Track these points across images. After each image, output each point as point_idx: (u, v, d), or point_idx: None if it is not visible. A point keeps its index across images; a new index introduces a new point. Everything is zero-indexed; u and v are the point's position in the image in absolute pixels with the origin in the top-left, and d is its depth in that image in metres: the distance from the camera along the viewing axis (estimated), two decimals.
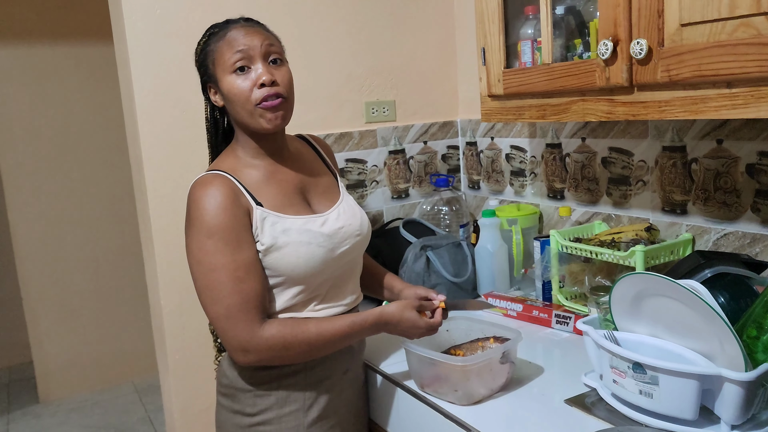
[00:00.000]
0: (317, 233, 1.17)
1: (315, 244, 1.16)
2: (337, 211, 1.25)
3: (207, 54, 1.17)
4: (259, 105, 1.13)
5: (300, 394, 1.20)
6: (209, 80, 1.19)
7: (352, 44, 1.92)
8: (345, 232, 1.22)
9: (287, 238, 1.14)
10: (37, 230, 3.43)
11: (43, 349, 3.50)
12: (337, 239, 1.20)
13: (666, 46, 1.04)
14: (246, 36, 1.14)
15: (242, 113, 1.15)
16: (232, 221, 1.09)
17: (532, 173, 1.87)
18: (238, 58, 1.13)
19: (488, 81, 1.48)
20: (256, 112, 1.14)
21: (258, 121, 1.14)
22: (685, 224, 1.44)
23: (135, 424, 3.20)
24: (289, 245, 1.14)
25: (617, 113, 1.17)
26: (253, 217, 1.13)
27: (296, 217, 1.17)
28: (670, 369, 0.97)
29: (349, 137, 1.93)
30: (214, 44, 1.16)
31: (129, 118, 1.73)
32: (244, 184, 1.15)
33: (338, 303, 1.24)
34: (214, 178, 1.13)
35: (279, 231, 1.14)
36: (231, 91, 1.14)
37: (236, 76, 1.13)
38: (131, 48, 1.59)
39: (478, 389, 1.16)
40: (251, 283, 1.10)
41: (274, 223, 1.14)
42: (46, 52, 3.37)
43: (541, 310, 1.52)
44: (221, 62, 1.14)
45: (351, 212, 1.27)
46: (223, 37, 1.15)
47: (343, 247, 1.21)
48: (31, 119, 3.37)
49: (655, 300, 1.06)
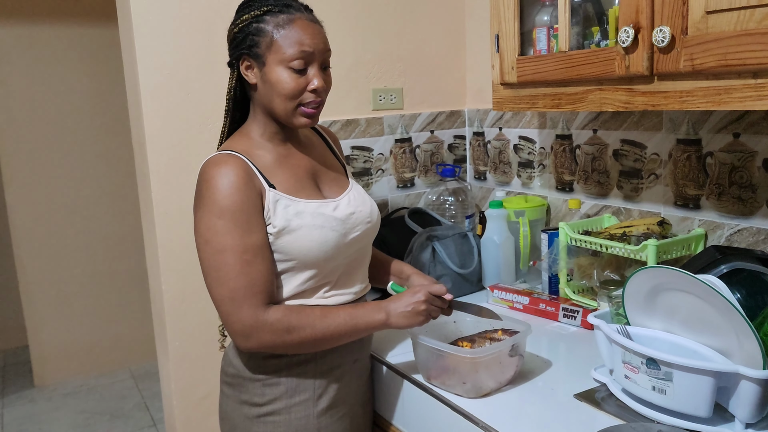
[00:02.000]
0: (330, 217, 1.16)
1: (328, 227, 1.14)
2: (347, 197, 1.24)
3: (261, 31, 1.11)
4: (302, 106, 1.14)
5: (310, 382, 1.18)
6: (252, 56, 1.13)
7: (361, 30, 1.89)
8: (356, 218, 1.21)
9: (300, 221, 1.12)
10: (35, 214, 3.40)
11: (39, 334, 3.48)
12: (349, 224, 1.19)
13: (690, 34, 1.01)
14: (313, 37, 1.12)
15: (281, 106, 1.13)
16: (244, 203, 1.07)
17: (541, 165, 1.84)
18: (301, 57, 1.11)
19: (501, 69, 1.45)
20: (297, 111, 1.14)
21: (293, 118, 1.15)
22: (697, 219, 1.42)
23: (131, 410, 3.19)
24: (303, 228, 1.12)
25: (636, 103, 1.14)
26: (266, 199, 1.11)
27: (309, 201, 1.16)
28: (685, 365, 0.95)
29: (355, 124, 1.90)
30: (275, 28, 1.10)
31: (132, 101, 1.70)
32: (258, 166, 1.13)
33: (348, 290, 1.22)
34: (228, 158, 1.10)
35: (292, 214, 1.12)
36: (279, 83, 1.11)
37: (291, 71, 1.11)
38: (136, 28, 1.56)
39: (487, 382, 1.13)
40: (259, 266, 1.08)
41: (287, 205, 1.12)
42: (47, 33, 3.32)
43: (548, 304, 1.50)
44: (279, 51, 1.10)
45: (361, 199, 1.26)
46: (287, 25, 1.10)
47: (354, 233, 1.20)
48: (30, 101, 3.33)
49: (671, 294, 1.04)
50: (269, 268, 1.10)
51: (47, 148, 3.40)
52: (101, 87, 3.45)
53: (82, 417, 3.14)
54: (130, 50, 1.63)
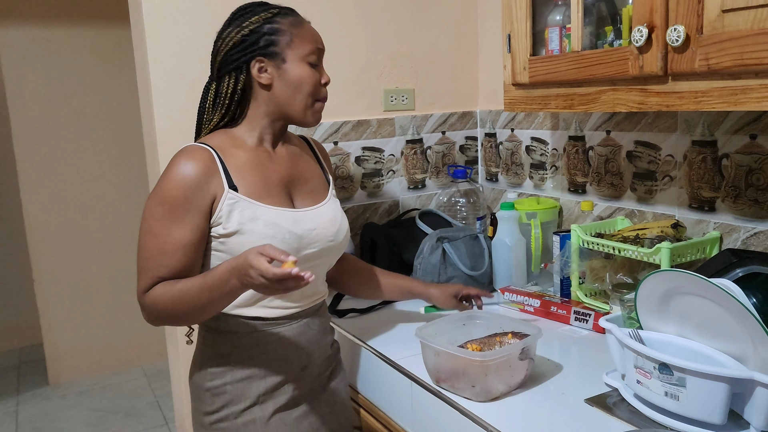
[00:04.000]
0: (284, 229, 1.15)
1: (279, 239, 1.13)
2: (316, 211, 1.23)
3: (276, 31, 1.16)
4: (318, 101, 1.20)
5: (255, 389, 1.20)
6: (268, 56, 1.16)
7: (373, 30, 1.88)
8: (317, 234, 1.21)
9: (253, 226, 1.13)
10: (50, 213, 3.43)
11: (53, 332, 3.51)
12: (306, 240, 1.19)
13: (705, 33, 0.99)
14: (316, 33, 1.21)
15: (301, 102, 1.18)
16: (186, 198, 1.10)
17: (553, 166, 1.82)
18: (317, 52, 1.19)
19: (513, 69, 1.44)
20: (312, 107, 1.20)
21: (307, 115, 1.20)
22: (712, 222, 1.39)
23: (143, 409, 3.20)
24: (254, 234, 1.12)
25: (650, 103, 1.12)
26: (220, 201, 1.12)
27: (270, 207, 1.15)
28: (699, 371, 0.93)
29: (366, 125, 1.90)
30: (290, 27, 1.17)
31: (144, 101, 1.71)
32: (227, 165, 1.14)
33: (293, 302, 1.22)
34: (196, 151, 1.13)
35: (248, 217, 1.13)
36: (303, 78, 1.17)
37: (310, 67, 1.18)
38: (148, 29, 1.57)
39: (496, 385, 1.12)
40: (171, 261, 1.11)
41: (245, 208, 1.13)
42: (61, 34, 3.35)
43: (559, 307, 1.49)
44: (299, 48, 1.16)
45: (330, 217, 1.25)
46: (300, 25, 1.18)
47: (310, 249, 1.20)
48: (45, 101, 3.36)
49: (685, 299, 1.02)
50: (183, 264, 1.11)
51: (62, 148, 3.43)
52: (115, 88, 3.47)
53: (96, 415, 3.16)
54: (141, 52, 1.64)
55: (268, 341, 1.20)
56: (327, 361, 1.31)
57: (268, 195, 1.17)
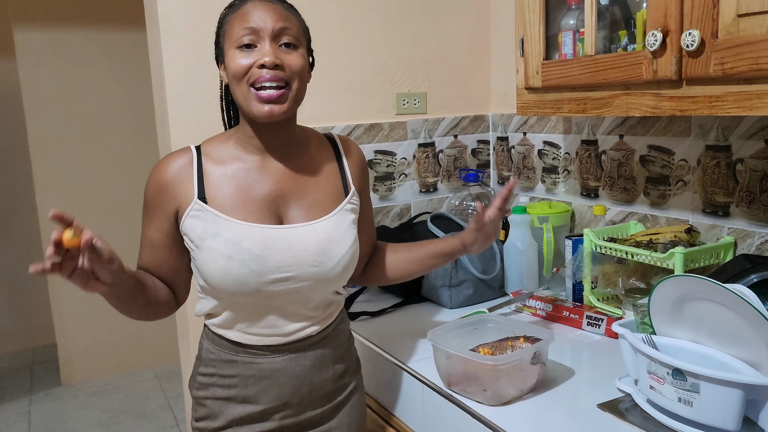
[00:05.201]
0: (244, 249, 1.03)
1: (237, 260, 1.02)
2: (300, 230, 1.08)
3: (221, 25, 1.09)
4: (254, 88, 1.02)
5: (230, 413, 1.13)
6: (219, 54, 1.10)
7: (386, 34, 1.89)
8: (292, 257, 1.05)
9: (212, 242, 1.04)
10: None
11: (66, 333, 3.54)
12: (273, 263, 1.04)
13: (720, 38, 0.99)
14: (260, 11, 1.03)
15: (237, 93, 1.05)
16: (155, 199, 1.09)
17: (566, 170, 1.82)
18: (245, 33, 1.02)
19: (526, 73, 1.44)
20: (250, 95, 1.02)
21: (251, 107, 1.03)
22: (726, 227, 1.39)
23: (154, 410, 3.22)
24: (211, 252, 1.04)
25: (664, 108, 1.12)
26: (185, 210, 1.06)
27: (237, 222, 1.05)
28: (713, 377, 0.92)
29: (378, 128, 1.90)
30: (226, 17, 1.08)
31: (159, 103, 1.72)
32: (205, 173, 1.08)
33: (276, 331, 1.10)
34: (175, 155, 1.10)
35: (210, 233, 1.04)
36: (230, 65, 1.03)
37: (240, 51, 1.03)
38: (163, 31, 1.58)
39: (508, 390, 1.12)
40: (143, 255, 1.12)
41: (210, 222, 1.05)
42: (77, 36, 3.39)
43: (571, 311, 1.48)
44: (230, 35, 1.05)
45: (322, 238, 1.08)
46: (237, 9, 1.06)
47: (280, 273, 1.05)
48: (60, 103, 3.40)
49: (699, 304, 1.01)
50: (152, 263, 1.11)
51: (77, 150, 3.46)
52: (130, 90, 3.50)
53: (107, 416, 3.18)
54: (157, 55, 1.65)
55: (247, 369, 1.11)
56: (324, 398, 1.17)
57: (243, 209, 1.06)
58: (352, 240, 1.12)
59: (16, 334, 4.07)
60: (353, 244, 1.12)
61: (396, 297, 1.73)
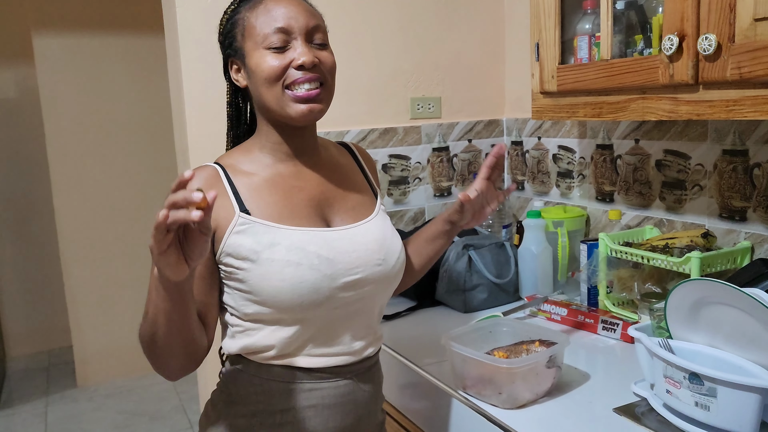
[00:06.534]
0: (311, 253, 0.96)
1: (306, 265, 0.95)
2: (356, 230, 1.04)
3: (236, 23, 1.00)
4: (291, 90, 0.96)
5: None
6: (234, 54, 1.02)
7: (400, 39, 1.90)
8: (357, 257, 1.00)
9: (272, 253, 0.94)
10: (81, 218, 3.50)
11: (82, 335, 3.58)
12: (343, 265, 0.98)
13: (737, 42, 0.99)
14: (288, 8, 0.97)
15: (269, 97, 0.97)
16: None
17: (581, 175, 1.82)
18: (276, 32, 0.96)
19: (541, 77, 1.44)
20: (284, 98, 0.96)
21: (285, 109, 0.97)
22: (743, 232, 1.38)
23: (169, 413, 3.24)
24: (274, 262, 0.94)
25: (680, 112, 1.12)
26: (227, 228, 0.96)
27: (293, 228, 0.97)
28: (730, 381, 0.92)
29: (393, 133, 1.91)
30: (247, 12, 0.99)
31: (177, 109, 1.74)
32: (237, 186, 0.99)
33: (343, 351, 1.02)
34: (198, 172, 0.99)
35: (265, 244, 0.95)
36: (259, 66, 0.96)
37: (270, 52, 0.96)
38: (182, 38, 1.60)
39: (523, 393, 1.12)
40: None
41: (262, 233, 0.96)
42: (96, 42, 3.44)
43: (587, 315, 1.48)
44: (253, 33, 0.97)
45: (376, 236, 1.05)
46: (258, 4, 0.98)
47: (350, 276, 0.99)
48: (78, 109, 3.44)
49: (715, 308, 1.01)
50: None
51: (94, 155, 3.50)
52: (147, 96, 3.54)
53: (122, 418, 3.21)
54: (175, 60, 1.67)
55: (308, 398, 1.01)
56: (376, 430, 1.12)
57: (293, 216, 0.99)
58: (399, 237, 1.11)
59: (33, 337, 4.12)
60: (401, 241, 1.11)
61: (410, 301, 1.73)
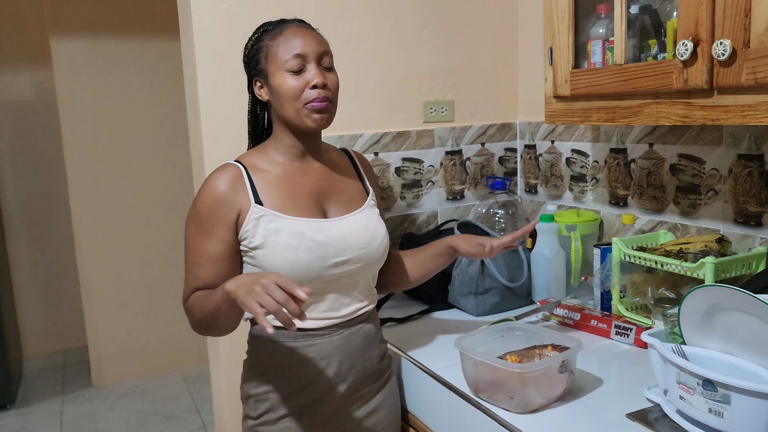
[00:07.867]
0: (307, 238, 1.19)
1: (303, 248, 1.18)
2: (347, 220, 1.27)
3: (260, 49, 1.23)
4: (308, 105, 1.19)
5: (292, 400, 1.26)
6: (258, 75, 1.24)
7: (413, 43, 1.91)
8: (346, 242, 1.23)
9: (277, 238, 1.18)
10: (97, 219, 3.54)
11: (97, 335, 3.61)
12: (333, 248, 1.21)
13: (752, 47, 0.98)
14: (304, 39, 1.21)
15: (289, 110, 1.20)
16: (213, 212, 1.19)
17: (594, 179, 1.81)
18: (294, 58, 1.19)
19: (554, 81, 1.44)
20: (303, 111, 1.20)
21: (303, 119, 1.20)
22: (759, 237, 1.37)
23: (182, 413, 3.27)
24: (277, 245, 1.18)
25: (694, 117, 1.12)
26: (246, 215, 1.19)
27: (295, 218, 1.21)
28: (744, 387, 0.91)
29: (406, 136, 1.92)
30: (270, 40, 1.22)
31: (191, 112, 1.76)
32: (255, 181, 1.22)
33: (332, 315, 1.26)
34: (224, 168, 1.22)
35: (272, 230, 1.19)
36: (282, 87, 1.19)
37: (290, 75, 1.19)
38: (197, 41, 1.62)
39: (535, 398, 1.12)
40: (203, 272, 1.20)
41: (270, 221, 1.19)
42: (112, 46, 3.47)
43: (600, 320, 1.47)
44: (275, 59, 1.20)
45: (364, 224, 1.28)
46: (279, 35, 1.21)
47: (339, 257, 1.22)
48: (94, 112, 3.47)
49: (730, 314, 1.00)
50: (215, 276, 1.19)
51: (110, 157, 3.53)
52: (163, 98, 3.57)
53: (136, 417, 3.23)
54: (190, 64, 1.69)
55: (308, 351, 1.24)
56: (372, 376, 1.32)
57: (295, 207, 1.22)
58: (383, 226, 1.34)
59: (49, 337, 4.17)
60: (385, 230, 1.34)
61: (422, 304, 1.74)
